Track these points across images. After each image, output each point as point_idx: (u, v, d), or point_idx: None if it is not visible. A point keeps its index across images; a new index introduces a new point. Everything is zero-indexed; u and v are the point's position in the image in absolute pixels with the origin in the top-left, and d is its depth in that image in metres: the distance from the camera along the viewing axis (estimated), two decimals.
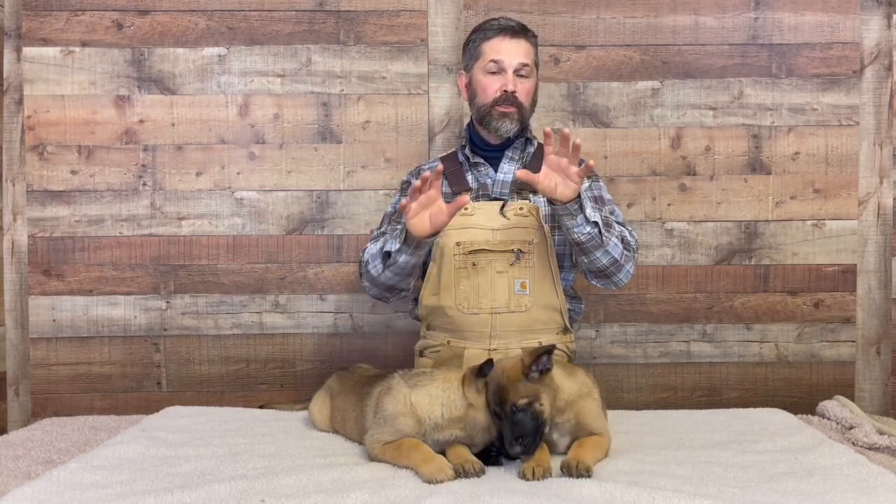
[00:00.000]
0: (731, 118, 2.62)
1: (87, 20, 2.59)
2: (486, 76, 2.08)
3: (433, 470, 1.49)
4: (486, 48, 2.08)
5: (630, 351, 2.64)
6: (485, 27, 2.12)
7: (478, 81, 2.10)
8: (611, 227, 1.96)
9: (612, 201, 2.16)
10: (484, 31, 2.10)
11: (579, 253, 1.98)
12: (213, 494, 1.41)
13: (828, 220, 2.62)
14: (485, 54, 2.08)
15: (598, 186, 2.16)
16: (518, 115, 2.08)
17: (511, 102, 2.05)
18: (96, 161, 2.61)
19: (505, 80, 2.06)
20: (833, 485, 1.48)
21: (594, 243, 1.92)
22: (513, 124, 2.08)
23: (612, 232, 1.95)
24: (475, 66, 2.11)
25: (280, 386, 2.63)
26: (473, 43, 2.12)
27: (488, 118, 2.08)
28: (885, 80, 2.61)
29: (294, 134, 2.62)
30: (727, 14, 2.62)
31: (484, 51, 2.08)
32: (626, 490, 1.41)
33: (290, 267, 2.63)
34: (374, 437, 1.64)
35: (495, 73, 2.07)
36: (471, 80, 2.13)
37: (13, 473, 1.63)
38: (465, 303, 2.04)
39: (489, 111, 2.07)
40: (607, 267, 1.99)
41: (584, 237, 1.90)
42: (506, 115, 2.07)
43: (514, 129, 2.09)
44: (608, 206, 2.12)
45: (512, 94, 2.05)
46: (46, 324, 2.61)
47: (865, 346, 2.63)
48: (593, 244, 1.92)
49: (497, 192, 2.11)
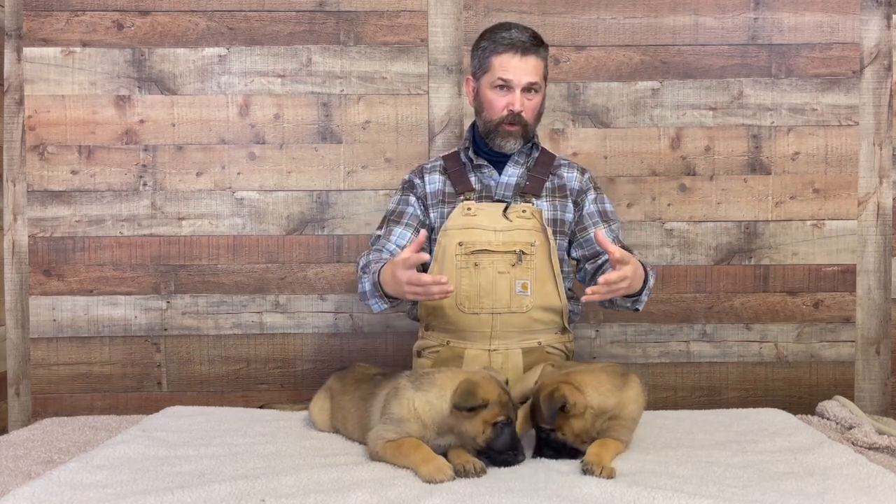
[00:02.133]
0: (730, 118, 2.62)
1: (88, 20, 2.60)
2: (494, 91, 2.05)
3: (432, 470, 1.49)
4: (495, 63, 2.04)
5: (630, 351, 2.65)
6: (496, 38, 2.05)
7: (485, 95, 2.08)
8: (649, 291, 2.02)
9: (615, 214, 2.18)
10: (495, 44, 2.04)
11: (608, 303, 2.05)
12: (213, 494, 1.41)
13: (827, 220, 2.63)
14: (493, 69, 2.04)
15: (602, 199, 2.17)
16: (522, 133, 2.07)
17: (517, 122, 2.05)
18: (97, 161, 2.61)
19: (512, 98, 2.03)
20: (833, 484, 1.48)
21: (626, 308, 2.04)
22: (516, 143, 2.08)
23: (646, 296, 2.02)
24: (483, 77, 2.08)
25: (280, 386, 2.64)
26: (483, 52, 2.07)
27: (493, 134, 2.08)
28: (885, 80, 2.61)
29: (294, 134, 2.63)
30: (727, 14, 2.62)
31: (493, 65, 2.04)
32: (626, 489, 1.41)
33: (291, 267, 2.63)
34: (377, 434, 1.64)
35: (503, 88, 2.05)
36: (478, 91, 2.11)
37: (14, 473, 1.64)
38: (465, 302, 2.04)
39: (495, 128, 2.07)
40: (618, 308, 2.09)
41: (620, 304, 2.02)
42: (510, 134, 2.06)
43: (517, 147, 2.10)
44: (614, 225, 2.14)
45: (518, 114, 2.04)
46: (47, 324, 2.61)
47: (865, 346, 2.64)
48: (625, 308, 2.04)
49: (500, 195, 2.11)
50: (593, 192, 2.16)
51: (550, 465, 1.59)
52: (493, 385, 1.59)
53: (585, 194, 2.15)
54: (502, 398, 1.57)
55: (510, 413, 1.58)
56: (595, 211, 2.13)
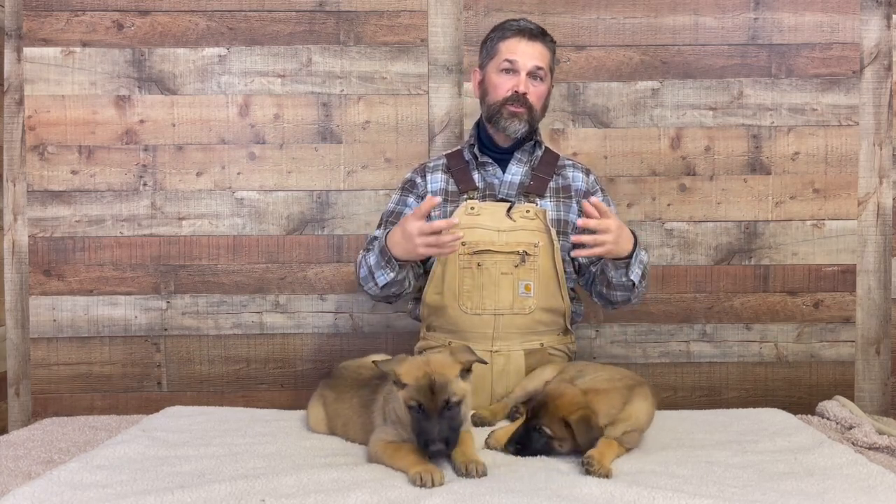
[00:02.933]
0: (730, 118, 2.62)
1: (88, 20, 2.60)
2: (499, 75, 2.07)
3: (420, 472, 1.47)
4: (502, 47, 2.08)
5: (630, 351, 2.65)
6: (504, 27, 2.11)
7: (490, 80, 2.09)
8: (644, 277, 2.00)
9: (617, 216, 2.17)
10: (503, 31, 2.10)
11: (603, 282, 2.03)
12: (213, 494, 1.41)
13: (827, 220, 2.63)
14: (500, 53, 2.07)
15: (607, 201, 2.17)
16: (527, 117, 2.07)
17: (521, 103, 2.05)
18: (97, 161, 2.61)
19: (517, 80, 2.05)
20: (833, 484, 1.48)
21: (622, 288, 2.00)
22: (521, 125, 2.07)
23: (643, 283, 2.00)
24: (490, 64, 2.10)
25: (280, 386, 2.64)
26: (491, 41, 2.11)
27: (497, 116, 2.07)
28: (885, 80, 2.61)
29: (294, 134, 2.63)
30: (727, 14, 2.62)
31: (500, 49, 2.08)
32: (626, 489, 1.41)
33: (291, 267, 2.63)
34: (376, 436, 1.64)
35: (508, 72, 2.06)
36: (484, 78, 2.13)
37: (13, 473, 1.64)
38: (468, 303, 2.03)
39: (499, 110, 2.07)
40: (618, 301, 2.06)
41: (615, 281, 1.98)
42: (515, 115, 2.06)
43: (522, 130, 2.08)
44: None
45: (523, 96, 2.05)
46: (47, 324, 2.61)
47: (865, 346, 2.64)
48: (622, 288, 2.00)
49: (504, 193, 2.11)
50: (600, 195, 2.16)
51: (550, 464, 1.59)
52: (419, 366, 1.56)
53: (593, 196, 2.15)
54: (420, 382, 1.53)
55: (421, 398, 1.52)
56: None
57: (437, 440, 1.49)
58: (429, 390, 1.52)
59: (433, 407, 1.52)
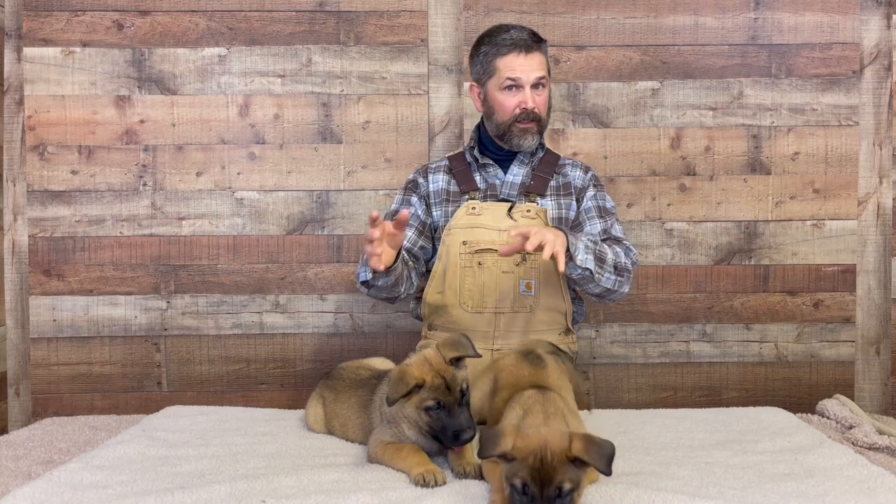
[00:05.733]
0: (730, 118, 2.62)
1: (88, 20, 2.60)
2: (503, 93, 2.06)
3: (423, 473, 1.47)
4: (500, 65, 2.05)
5: (630, 351, 2.65)
6: (496, 41, 2.06)
7: (494, 98, 2.08)
8: (604, 261, 1.93)
9: (614, 209, 2.17)
10: (497, 46, 2.05)
11: (573, 283, 2.01)
12: (213, 494, 1.41)
13: (827, 220, 2.63)
14: (500, 71, 2.05)
15: (602, 196, 2.17)
16: (538, 128, 2.09)
17: (531, 118, 2.06)
18: (97, 161, 2.61)
19: (523, 96, 2.04)
20: (833, 486, 1.48)
21: (585, 280, 1.94)
22: (534, 139, 2.09)
23: (604, 267, 1.94)
24: (489, 82, 2.08)
25: (280, 386, 2.64)
26: (486, 56, 2.08)
27: (508, 135, 2.08)
28: (885, 80, 2.61)
29: (294, 134, 2.62)
30: (727, 14, 2.62)
31: (498, 67, 2.05)
32: (626, 491, 1.41)
33: (291, 267, 2.63)
34: (376, 437, 1.64)
35: (511, 88, 2.05)
36: (486, 96, 2.11)
37: (14, 473, 1.64)
38: (469, 301, 2.04)
39: (509, 128, 2.07)
40: (600, 294, 2.02)
41: (576, 275, 1.93)
42: (527, 131, 2.07)
43: (535, 143, 2.10)
44: (609, 220, 2.12)
45: (532, 111, 2.05)
46: (47, 324, 2.61)
47: (865, 345, 2.64)
48: (584, 280, 1.94)
49: (505, 194, 2.11)
50: (593, 189, 2.16)
51: None
52: (425, 367, 1.56)
53: (586, 191, 2.15)
54: (434, 381, 1.53)
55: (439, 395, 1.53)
56: (592, 207, 2.13)
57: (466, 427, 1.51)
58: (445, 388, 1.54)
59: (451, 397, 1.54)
